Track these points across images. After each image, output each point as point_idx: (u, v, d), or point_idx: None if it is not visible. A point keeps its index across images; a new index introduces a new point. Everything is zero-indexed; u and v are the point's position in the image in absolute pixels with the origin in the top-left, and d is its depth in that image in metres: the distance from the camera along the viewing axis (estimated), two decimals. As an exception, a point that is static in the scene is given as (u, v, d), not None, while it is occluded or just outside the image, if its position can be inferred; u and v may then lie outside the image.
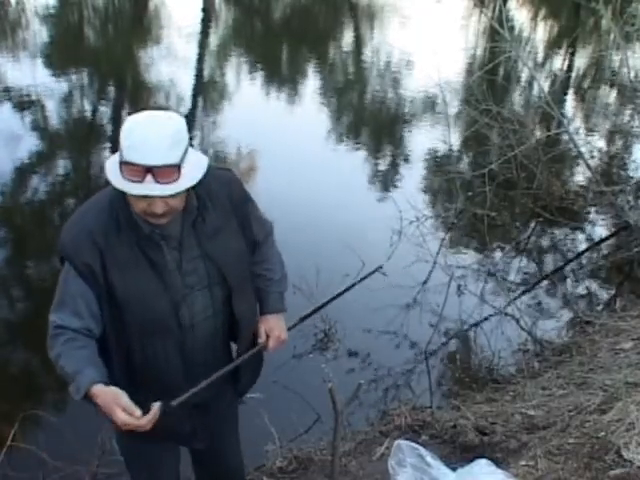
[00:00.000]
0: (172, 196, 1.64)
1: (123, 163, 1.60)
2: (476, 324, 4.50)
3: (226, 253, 1.84)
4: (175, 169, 1.61)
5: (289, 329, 2.13)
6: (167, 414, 1.74)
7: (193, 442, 2.12)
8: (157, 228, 1.73)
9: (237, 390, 2.13)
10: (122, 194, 1.70)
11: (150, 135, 1.60)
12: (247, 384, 2.15)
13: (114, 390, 1.69)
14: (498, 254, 5.46)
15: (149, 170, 1.58)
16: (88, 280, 1.72)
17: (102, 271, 1.71)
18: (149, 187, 1.59)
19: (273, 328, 2.04)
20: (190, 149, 1.69)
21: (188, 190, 1.69)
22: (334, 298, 2.21)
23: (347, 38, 11.99)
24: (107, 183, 1.69)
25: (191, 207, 1.77)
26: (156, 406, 1.70)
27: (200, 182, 1.72)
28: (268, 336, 2.03)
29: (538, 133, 6.30)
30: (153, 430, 1.78)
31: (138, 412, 1.68)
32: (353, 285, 2.23)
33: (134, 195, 1.63)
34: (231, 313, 1.92)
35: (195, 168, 1.67)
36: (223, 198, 1.83)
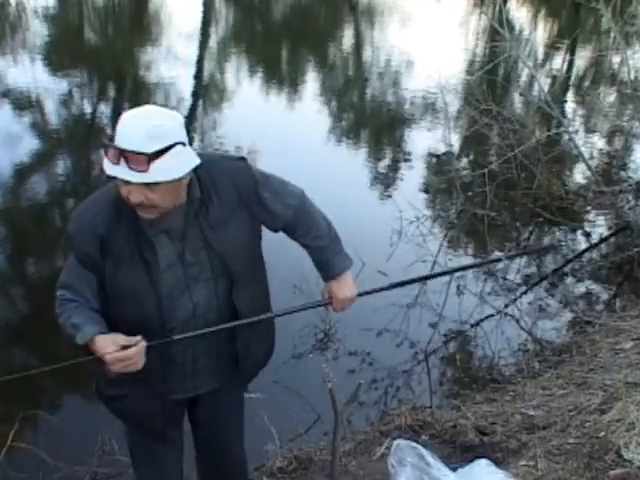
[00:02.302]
0: (146, 186, 1.65)
1: (107, 145, 1.67)
2: (476, 324, 4.50)
3: (230, 244, 1.83)
4: (144, 159, 1.62)
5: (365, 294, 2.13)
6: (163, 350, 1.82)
7: (173, 439, 2.13)
8: (159, 221, 1.75)
9: (241, 375, 2.10)
10: None
11: (131, 122, 1.65)
12: (250, 370, 2.11)
13: (114, 334, 1.75)
14: (498, 254, 5.46)
15: (121, 153, 1.62)
16: (89, 269, 1.78)
17: (102, 261, 1.76)
18: (121, 171, 1.64)
19: (335, 291, 2.08)
20: (181, 150, 1.68)
21: (173, 186, 1.70)
22: None
23: (347, 38, 11.99)
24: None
25: (194, 199, 1.79)
26: (142, 342, 1.74)
27: (206, 173, 1.78)
28: (331, 302, 2.09)
29: (538, 133, 6.30)
30: (138, 419, 1.92)
31: (134, 340, 1.73)
32: None
33: (111, 176, 1.68)
34: (235, 306, 1.91)
35: (174, 167, 1.67)
36: (230, 190, 1.83)
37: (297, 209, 1.99)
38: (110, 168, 1.66)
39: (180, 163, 1.68)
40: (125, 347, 1.71)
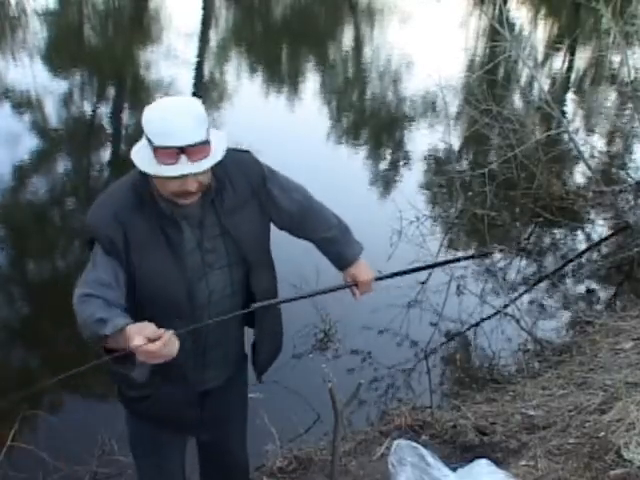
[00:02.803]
0: (203, 172, 1.70)
1: (157, 149, 1.65)
2: (476, 324, 4.50)
3: (245, 230, 1.88)
4: (206, 145, 1.68)
5: (381, 279, 2.18)
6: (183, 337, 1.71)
7: (199, 431, 2.14)
8: (179, 208, 1.78)
9: (256, 368, 2.13)
10: (145, 177, 1.75)
11: (178, 118, 1.66)
12: (266, 362, 2.15)
13: (142, 324, 1.66)
14: (498, 254, 5.46)
15: (183, 151, 1.65)
16: (115, 257, 1.76)
17: (125, 248, 1.76)
18: (184, 167, 1.66)
19: (356, 275, 2.13)
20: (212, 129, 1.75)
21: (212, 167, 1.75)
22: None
23: (347, 38, 11.99)
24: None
25: (210, 188, 1.82)
26: (169, 332, 1.65)
27: (219, 164, 1.79)
28: (356, 284, 2.13)
29: (538, 133, 6.29)
30: (162, 418, 1.87)
31: (160, 332, 1.63)
32: None
33: (170, 177, 1.68)
34: (248, 294, 1.94)
35: (220, 142, 1.74)
36: (242, 181, 1.87)
37: (302, 204, 2.04)
38: (168, 170, 1.66)
39: (221, 139, 1.76)
40: (152, 340, 1.63)
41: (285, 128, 7.49)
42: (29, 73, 8.38)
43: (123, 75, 9.11)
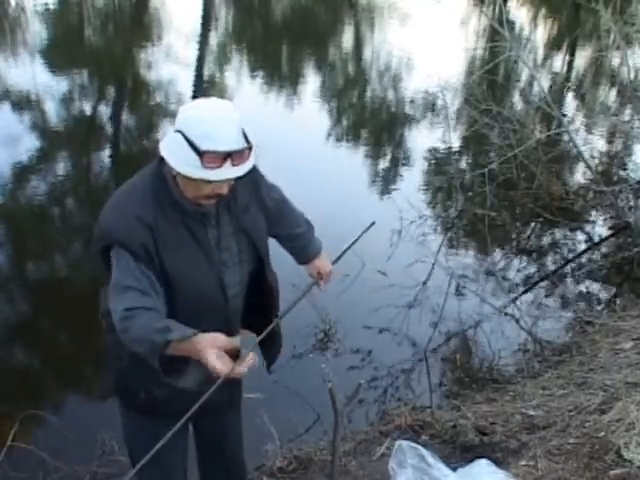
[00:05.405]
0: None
1: (205, 153, 1.65)
2: (476, 324, 4.50)
3: (257, 227, 1.95)
4: (248, 151, 1.72)
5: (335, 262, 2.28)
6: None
7: (227, 409, 2.18)
8: (199, 208, 1.80)
9: (271, 359, 2.16)
10: (162, 176, 1.77)
11: (223, 123, 1.68)
12: (277, 352, 2.20)
13: (214, 335, 1.67)
14: (498, 254, 5.46)
15: (229, 155, 1.67)
16: (145, 261, 1.73)
17: (155, 252, 1.75)
18: (227, 171, 1.68)
19: (320, 267, 2.27)
20: None
21: None
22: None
23: (347, 38, 11.99)
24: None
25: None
26: (251, 354, 1.64)
27: None
28: (321, 276, 2.26)
29: (538, 133, 6.30)
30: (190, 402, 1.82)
31: (234, 341, 1.67)
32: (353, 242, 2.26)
33: (216, 181, 1.69)
34: (255, 288, 2.00)
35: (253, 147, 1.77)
36: (246, 180, 1.88)
37: (279, 202, 2.11)
38: (213, 174, 1.67)
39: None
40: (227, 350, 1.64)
41: (285, 128, 7.49)
42: (29, 73, 8.37)
43: (123, 75, 9.11)
